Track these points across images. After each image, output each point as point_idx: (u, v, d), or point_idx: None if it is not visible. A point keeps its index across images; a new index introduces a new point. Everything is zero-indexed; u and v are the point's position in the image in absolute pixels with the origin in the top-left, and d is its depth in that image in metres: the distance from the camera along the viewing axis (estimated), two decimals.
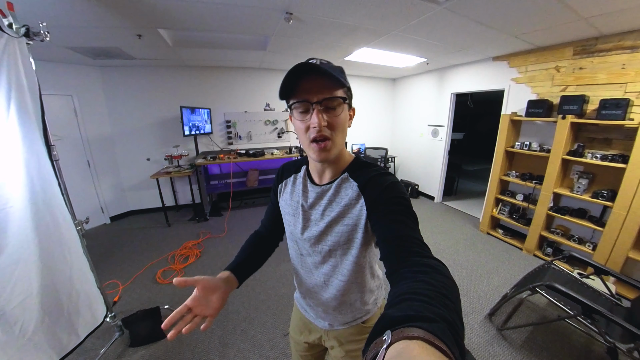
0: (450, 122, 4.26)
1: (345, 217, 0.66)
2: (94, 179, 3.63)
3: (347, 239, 0.67)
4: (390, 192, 0.60)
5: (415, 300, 0.34)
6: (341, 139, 0.64)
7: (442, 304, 0.34)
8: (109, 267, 2.72)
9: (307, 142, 0.62)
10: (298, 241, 0.77)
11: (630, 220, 2.17)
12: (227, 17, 2.13)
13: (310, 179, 0.75)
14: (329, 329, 0.82)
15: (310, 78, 0.58)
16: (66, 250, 1.50)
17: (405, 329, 0.28)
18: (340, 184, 0.68)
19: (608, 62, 2.38)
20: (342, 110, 0.61)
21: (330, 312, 0.79)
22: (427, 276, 0.41)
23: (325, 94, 0.58)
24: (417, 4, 1.90)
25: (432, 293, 0.36)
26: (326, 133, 0.59)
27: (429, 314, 0.31)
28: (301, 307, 0.90)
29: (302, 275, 0.82)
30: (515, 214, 3.23)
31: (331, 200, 0.69)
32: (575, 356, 1.74)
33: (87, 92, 3.45)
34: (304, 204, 0.74)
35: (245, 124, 4.49)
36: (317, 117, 0.57)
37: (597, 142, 2.53)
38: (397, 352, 0.25)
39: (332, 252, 0.70)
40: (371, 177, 0.64)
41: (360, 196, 0.64)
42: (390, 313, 0.33)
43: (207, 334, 1.93)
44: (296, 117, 0.62)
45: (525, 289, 1.86)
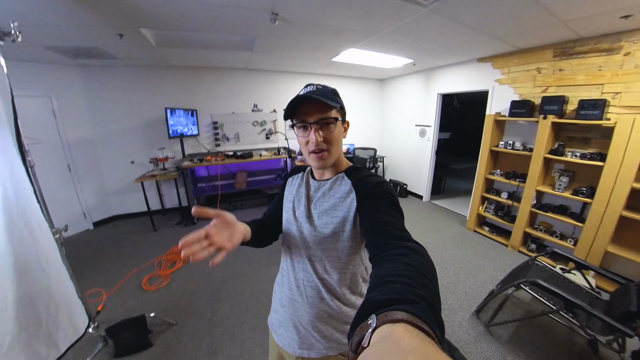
0: (437, 122, 4.33)
1: (336, 209, 0.73)
2: (75, 183, 3.49)
3: (334, 231, 0.71)
4: (378, 188, 0.67)
5: (397, 282, 0.36)
6: (336, 150, 0.74)
7: (422, 285, 0.36)
8: (92, 275, 2.63)
9: (307, 153, 0.73)
10: (292, 232, 0.80)
11: (608, 216, 2.26)
12: (212, 17, 2.09)
13: (313, 176, 0.85)
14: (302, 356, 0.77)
15: (309, 104, 0.69)
16: (43, 259, 1.43)
17: (390, 312, 0.29)
18: (336, 180, 0.77)
19: (586, 64, 2.47)
20: (336, 127, 0.71)
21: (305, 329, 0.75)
22: (407, 258, 0.44)
23: (320, 115, 0.68)
24: (402, 6, 1.92)
25: (412, 274, 0.38)
26: (323, 147, 0.70)
27: (410, 296, 0.32)
28: (274, 332, 0.86)
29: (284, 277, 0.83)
30: (500, 212, 3.31)
31: (325, 194, 0.77)
32: (559, 349, 1.80)
33: (66, 93, 3.31)
34: (304, 195, 0.81)
35: (233, 125, 4.43)
36: (314, 134, 0.68)
37: (576, 141, 2.62)
38: (383, 335, 0.26)
39: (319, 243, 0.74)
40: (363, 176, 0.73)
41: (352, 191, 0.71)
42: (374, 297, 0.34)
43: (195, 340, 1.89)
44: (298, 133, 0.73)
45: (510, 285, 1.91)
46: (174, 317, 2.09)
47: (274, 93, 4.58)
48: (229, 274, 2.64)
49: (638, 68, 2.18)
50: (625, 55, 2.23)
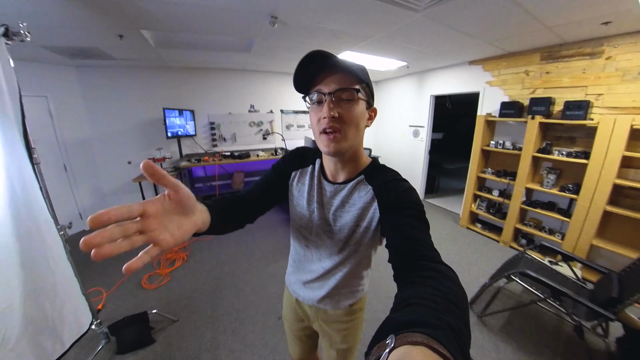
0: (430, 123, 4.44)
1: (359, 220, 0.67)
2: (72, 183, 3.47)
3: (357, 241, 0.69)
4: (404, 197, 0.60)
5: (421, 306, 0.34)
6: (354, 134, 0.62)
7: (449, 311, 0.33)
8: (91, 274, 2.62)
9: (318, 134, 0.62)
10: (306, 233, 0.78)
11: (593, 211, 2.39)
12: (212, 20, 2.14)
13: (324, 175, 0.74)
14: (318, 308, 0.86)
15: (327, 71, 0.59)
16: (49, 256, 1.46)
17: (409, 334, 0.27)
18: (355, 186, 0.68)
19: (571, 67, 2.61)
20: (357, 103, 0.60)
21: (322, 297, 0.82)
22: (435, 281, 0.40)
23: (338, 85, 0.58)
24: (397, 12, 2.00)
25: (439, 299, 0.35)
26: (336, 124, 0.58)
27: (434, 320, 0.30)
28: (292, 291, 0.93)
29: (302, 265, 0.85)
30: (492, 209, 3.43)
31: (344, 202, 0.69)
32: (547, 336, 1.89)
33: (63, 93, 3.29)
34: (317, 200, 0.74)
35: (230, 126, 4.46)
36: (327, 107, 0.57)
37: (562, 140, 2.75)
38: (399, 356, 0.25)
39: (338, 250, 0.72)
40: (387, 181, 0.64)
41: (374, 199, 0.64)
42: (395, 317, 0.33)
43: (197, 336, 1.92)
44: (312, 109, 0.63)
45: (501, 277, 2.00)
46: (175, 314, 2.11)
47: (270, 94, 4.64)
48: (228, 272, 2.68)
49: (619, 71, 2.31)
50: (607, 59, 2.37)
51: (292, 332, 1.03)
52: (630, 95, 2.28)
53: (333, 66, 0.58)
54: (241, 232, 3.49)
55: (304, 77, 0.61)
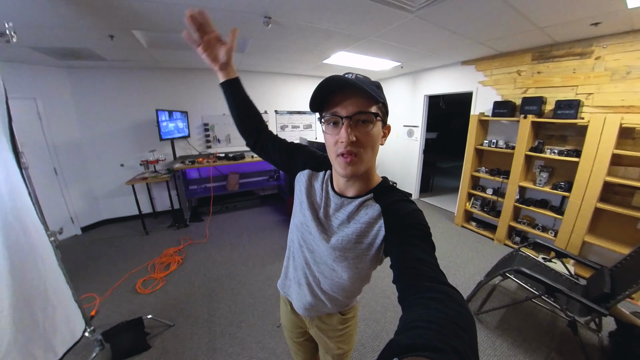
0: (424, 123, 4.48)
1: (362, 236, 0.65)
2: (62, 187, 3.39)
3: (357, 256, 0.67)
4: (410, 218, 0.59)
5: (427, 329, 0.33)
6: (370, 156, 0.62)
7: (455, 335, 0.32)
8: (84, 280, 2.57)
9: (334, 156, 0.61)
10: (305, 235, 0.76)
11: (585, 208, 2.43)
12: None
13: (332, 186, 0.73)
14: (310, 318, 0.88)
15: (343, 91, 0.57)
16: (39, 262, 1.42)
17: (413, 358, 0.27)
18: (363, 202, 0.67)
19: (561, 67, 2.65)
20: (374, 126, 0.59)
21: (315, 307, 0.82)
22: (441, 304, 0.39)
23: (356, 108, 0.56)
24: (390, 12, 2.01)
25: (445, 322, 0.34)
26: (353, 149, 0.58)
27: (439, 344, 0.29)
28: (286, 294, 0.93)
29: (296, 270, 0.83)
30: (486, 207, 3.47)
31: (350, 217, 0.68)
32: (542, 333, 1.92)
33: (52, 95, 3.22)
34: (321, 210, 0.73)
35: (224, 127, 4.42)
36: (345, 131, 0.56)
37: (554, 138, 2.79)
38: None
39: (337, 264, 0.70)
40: (394, 200, 0.64)
41: (380, 217, 0.63)
42: (400, 339, 0.32)
43: (194, 341, 1.89)
44: (326, 130, 0.62)
45: (496, 275, 2.02)
46: (171, 318, 2.08)
47: (264, 94, 4.61)
48: (225, 275, 2.65)
49: (608, 71, 2.36)
50: (596, 59, 2.42)
51: (291, 339, 1.02)
52: (618, 94, 2.33)
53: (350, 87, 0.56)
54: (237, 233, 3.51)
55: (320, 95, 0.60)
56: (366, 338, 1.90)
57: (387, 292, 2.35)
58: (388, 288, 2.39)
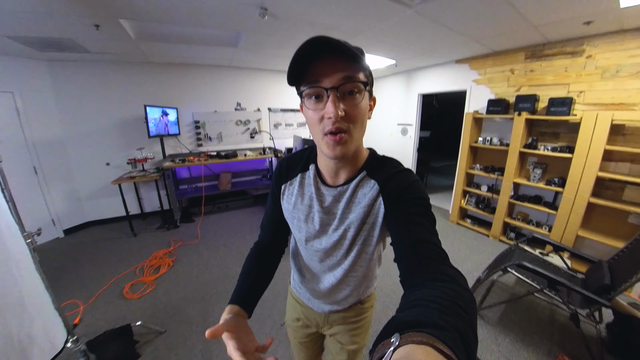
0: (418, 121, 4.50)
1: (365, 217, 0.62)
2: (42, 187, 3.19)
3: (365, 239, 0.64)
4: (410, 191, 0.56)
5: (428, 307, 0.34)
6: (360, 133, 0.56)
7: (456, 314, 0.33)
8: (66, 286, 2.40)
9: (320, 135, 0.54)
10: (310, 247, 0.73)
11: (578, 203, 2.47)
12: (197, 10, 2.03)
13: (322, 179, 0.68)
14: (329, 313, 0.83)
15: (325, 58, 0.48)
16: (14, 268, 1.29)
17: (414, 333, 0.27)
18: (359, 183, 0.63)
19: (554, 65, 2.70)
20: (363, 97, 0.52)
21: (333, 301, 0.79)
22: (443, 285, 0.40)
23: (342, 77, 0.49)
24: (390, 7, 1.98)
25: (447, 302, 0.35)
26: (343, 125, 0.51)
27: (440, 322, 0.30)
28: (301, 296, 0.88)
29: (310, 274, 0.80)
30: (481, 204, 3.50)
31: (349, 202, 0.63)
32: (543, 326, 1.92)
33: (32, 89, 3.02)
34: (318, 209, 0.67)
35: (216, 125, 4.30)
36: (332, 105, 0.49)
37: (547, 135, 2.84)
38: (403, 354, 0.25)
39: (348, 254, 0.68)
40: (391, 174, 0.60)
41: (379, 195, 0.60)
42: (401, 316, 0.33)
43: (188, 348, 1.78)
44: (307, 105, 0.53)
45: (497, 270, 2.02)
46: (162, 324, 1.96)
47: (257, 91, 4.52)
48: (218, 277, 2.54)
49: (598, 69, 2.42)
50: (587, 58, 2.47)
51: (296, 338, 0.98)
52: (609, 92, 2.39)
53: (333, 50, 0.47)
54: (230, 234, 3.40)
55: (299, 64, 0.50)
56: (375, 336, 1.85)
57: (396, 288, 2.31)
58: (397, 284, 2.35)
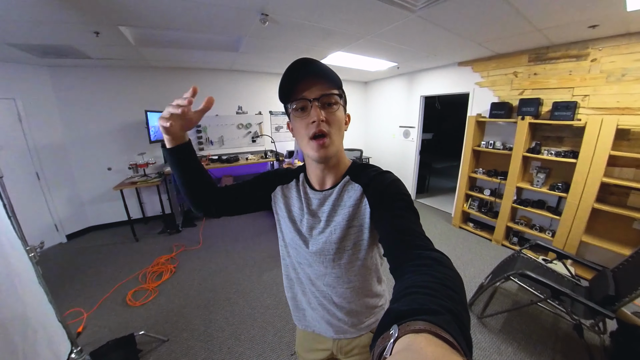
0: (421, 124, 4.47)
1: (351, 219, 0.66)
2: (45, 193, 3.20)
3: (354, 242, 0.67)
4: (391, 189, 0.62)
5: (420, 294, 0.35)
6: (339, 138, 0.65)
7: (447, 296, 0.34)
8: (69, 293, 2.41)
9: (306, 140, 0.63)
10: (299, 251, 0.74)
11: (582, 208, 2.45)
12: (198, 16, 2.01)
13: (310, 186, 0.75)
14: (339, 339, 0.81)
15: (307, 79, 0.61)
16: (17, 282, 1.28)
17: (412, 322, 0.28)
18: (343, 187, 0.69)
19: (558, 68, 2.67)
20: (339, 108, 0.64)
21: (339, 321, 0.78)
22: (430, 269, 0.42)
23: (322, 91, 0.60)
24: (392, 11, 1.96)
25: (436, 285, 0.36)
26: (324, 128, 0.61)
27: (433, 307, 0.31)
28: (305, 327, 0.86)
29: (305, 295, 0.79)
30: (483, 208, 3.47)
31: (335, 205, 0.69)
32: (546, 335, 1.91)
33: (33, 95, 3.03)
34: (306, 211, 0.72)
35: (217, 129, 4.29)
36: (315, 111, 0.59)
37: (551, 140, 2.81)
38: (405, 345, 0.25)
39: (337, 259, 0.69)
40: (372, 176, 0.66)
41: (363, 196, 0.65)
42: (396, 307, 0.33)
43: (190, 356, 1.79)
44: (295, 115, 0.63)
45: (500, 278, 2.00)
46: (164, 333, 1.97)
47: (258, 95, 4.50)
48: (221, 284, 2.54)
49: (603, 73, 2.38)
50: (592, 62, 2.44)
51: None
52: (614, 96, 2.36)
53: (313, 74, 0.61)
54: (232, 239, 3.40)
55: (287, 86, 0.63)
56: None
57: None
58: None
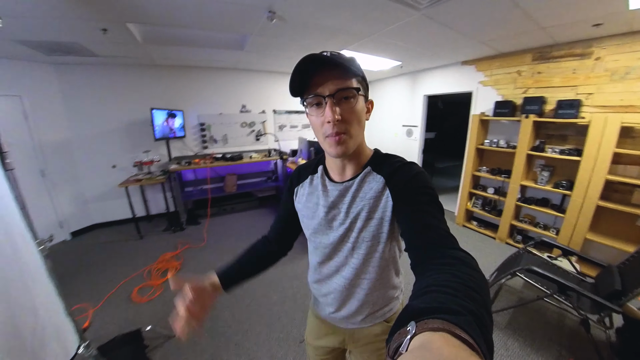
0: (424, 123, 4.48)
1: (372, 211, 0.64)
2: (50, 190, 3.20)
3: (373, 234, 0.65)
4: (415, 182, 0.59)
5: (441, 292, 0.34)
6: (357, 132, 0.62)
7: (469, 297, 0.33)
8: (74, 289, 2.42)
9: (323, 138, 0.61)
10: (319, 244, 0.74)
11: (586, 206, 2.46)
12: (205, 13, 2.03)
13: (329, 177, 0.73)
14: (352, 328, 0.81)
15: (322, 72, 0.57)
16: (27, 276, 1.28)
17: (430, 320, 0.27)
18: (364, 178, 0.66)
19: (561, 67, 2.68)
20: (357, 101, 0.59)
21: (354, 312, 0.77)
22: (454, 268, 0.40)
23: (337, 85, 0.56)
24: (398, 9, 1.97)
25: (459, 285, 0.35)
26: (341, 129, 0.58)
27: (454, 306, 0.30)
28: (321, 310, 0.87)
29: (323, 278, 0.79)
30: (487, 207, 3.48)
31: (355, 196, 0.67)
32: (552, 331, 1.92)
33: (39, 93, 3.04)
34: (324, 204, 0.71)
35: (221, 127, 4.30)
36: (330, 110, 0.56)
37: (554, 138, 2.82)
38: (421, 342, 0.25)
39: (356, 251, 0.68)
40: (396, 167, 0.63)
41: (385, 188, 0.63)
42: (415, 304, 0.33)
43: (197, 353, 1.79)
44: (311, 112, 0.61)
45: (506, 274, 2.00)
46: (171, 329, 1.95)
47: (262, 93, 4.52)
48: None
49: (607, 71, 2.40)
50: (596, 60, 2.45)
51: (317, 355, 0.95)
52: (618, 94, 2.37)
53: (328, 65, 0.56)
54: (236, 237, 3.40)
55: (299, 80, 0.59)
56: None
57: None
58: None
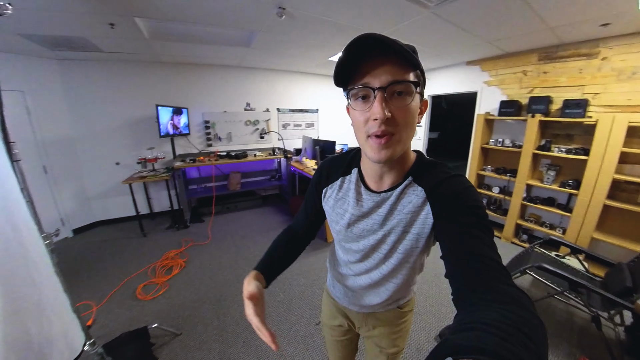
0: (428, 123, 4.49)
1: (408, 225, 0.58)
2: (52, 186, 3.16)
3: (407, 248, 0.60)
4: (462, 199, 0.51)
5: (487, 332, 0.30)
6: (408, 136, 0.52)
7: (520, 343, 0.28)
8: (77, 286, 2.38)
9: (364, 137, 0.51)
10: (348, 248, 0.72)
11: (593, 205, 2.46)
12: (215, 8, 2.01)
13: (364, 183, 0.64)
14: (367, 312, 0.82)
15: (374, 58, 0.47)
16: (33, 269, 1.25)
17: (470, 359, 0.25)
18: (404, 190, 0.58)
19: (567, 67, 2.69)
20: (413, 98, 0.49)
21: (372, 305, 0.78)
22: (505, 307, 0.34)
23: (391, 76, 0.46)
24: (408, 7, 1.97)
25: (510, 328, 0.30)
26: (389, 129, 0.48)
27: (502, 351, 0.26)
28: (337, 297, 0.87)
29: (347, 277, 0.79)
30: (492, 206, 3.48)
31: (392, 209, 0.59)
32: (562, 328, 1.92)
33: (42, 88, 3.00)
34: (355, 213, 0.65)
35: (225, 125, 4.28)
36: (379, 106, 0.46)
37: (560, 137, 2.83)
38: None
39: (388, 260, 0.65)
40: (440, 180, 0.55)
41: (426, 202, 0.55)
42: (455, 339, 0.29)
43: (205, 350, 1.76)
44: (354, 106, 0.51)
45: (516, 272, 2.00)
46: (177, 327, 1.94)
47: (266, 92, 4.50)
48: (232, 277, 2.52)
49: (614, 71, 2.41)
50: (602, 60, 2.46)
51: (333, 337, 0.98)
52: (625, 94, 2.38)
53: (384, 51, 0.46)
54: (240, 235, 3.37)
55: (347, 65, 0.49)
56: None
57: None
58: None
